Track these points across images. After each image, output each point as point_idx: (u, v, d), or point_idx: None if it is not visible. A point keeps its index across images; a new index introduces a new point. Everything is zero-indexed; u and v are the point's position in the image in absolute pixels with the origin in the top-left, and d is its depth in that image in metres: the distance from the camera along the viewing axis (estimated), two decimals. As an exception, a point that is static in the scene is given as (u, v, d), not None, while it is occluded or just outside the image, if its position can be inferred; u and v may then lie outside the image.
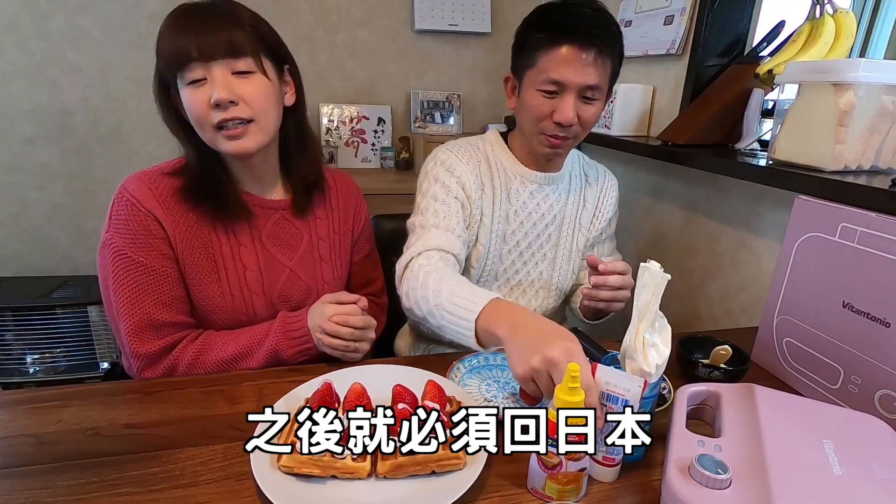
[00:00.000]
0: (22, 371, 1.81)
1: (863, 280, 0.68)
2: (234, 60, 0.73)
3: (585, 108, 0.89)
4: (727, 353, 0.79)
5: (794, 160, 0.94)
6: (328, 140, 2.14)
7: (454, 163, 0.97)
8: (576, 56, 0.84)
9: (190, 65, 0.72)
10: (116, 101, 1.97)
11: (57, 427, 0.63)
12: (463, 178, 0.96)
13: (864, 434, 0.57)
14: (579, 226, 1.07)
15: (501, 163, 1.01)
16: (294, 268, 0.88)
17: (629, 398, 0.54)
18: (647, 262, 0.58)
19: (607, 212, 1.09)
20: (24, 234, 2.01)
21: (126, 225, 0.74)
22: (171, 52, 0.72)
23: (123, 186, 0.77)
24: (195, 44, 0.71)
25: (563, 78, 0.85)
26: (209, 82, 0.73)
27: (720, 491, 0.47)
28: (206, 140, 0.76)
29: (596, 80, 0.86)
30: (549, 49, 0.86)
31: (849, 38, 1.06)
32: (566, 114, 0.87)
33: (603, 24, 0.85)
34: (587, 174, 1.09)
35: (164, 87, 0.77)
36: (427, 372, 0.72)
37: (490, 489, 0.56)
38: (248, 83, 0.75)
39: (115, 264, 0.74)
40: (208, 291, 0.80)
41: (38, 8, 1.82)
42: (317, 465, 0.53)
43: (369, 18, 2.10)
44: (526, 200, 1.01)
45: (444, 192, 0.95)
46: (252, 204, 0.84)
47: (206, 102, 0.72)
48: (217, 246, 0.81)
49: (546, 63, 0.86)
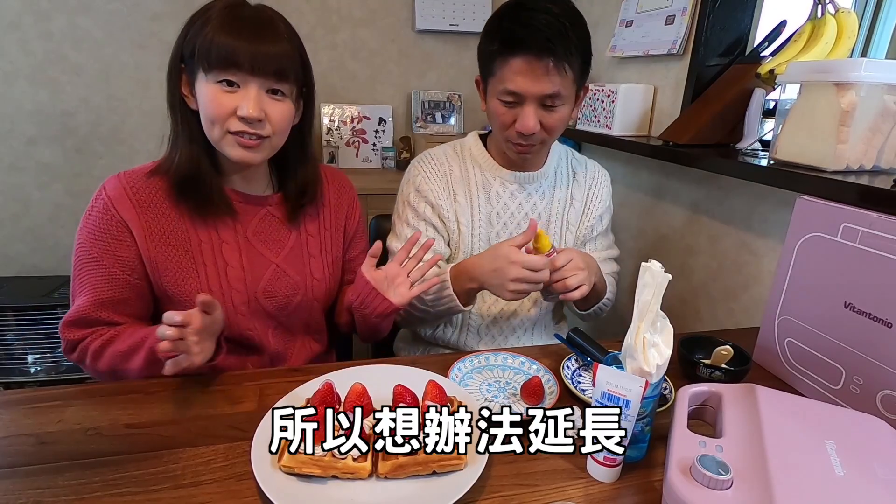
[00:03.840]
0: (23, 371, 1.81)
1: (865, 280, 0.68)
2: (275, 82, 0.74)
3: (548, 115, 0.87)
4: (728, 353, 0.79)
5: (796, 160, 0.94)
6: (329, 140, 2.14)
7: (422, 181, 1.00)
8: (530, 67, 0.82)
9: (231, 69, 0.71)
10: (118, 101, 1.97)
11: (58, 427, 0.63)
12: (430, 198, 0.99)
13: (866, 434, 0.57)
14: (567, 224, 1.05)
15: (480, 166, 1.01)
16: (281, 264, 0.87)
17: (630, 398, 0.54)
18: (649, 261, 0.58)
19: (597, 208, 1.07)
20: (25, 234, 2.02)
21: (95, 222, 0.77)
22: (217, 52, 0.71)
23: (104, 185, 0.78)
24: (248, 53, 0.71)
25: (519, 89, 0.84)
26: (242, 92, 0.73)
27: (722, 491, 0.47)
28: (213, 138, 0.76)
29: (554, 89, 0.84)
30: (504, 60, 0.84)
31: (850, 38, 1.06)
32: (526, 124, 0.86)
33: (558, 31, 0.81)
34: (575, 171, 1.07)
35: (178, 68, 0.76)
36: (427, 372, 0.72)
37: (491, 489, 0.56)
38: (278, 105, 0.76)
39: (77, 254, 0.78)
40: (186, 287, 0.80)
41: (39, 8, 1.82)
42: (318, 465, 0.53)
43: (370, 18, 2.10)
44: (507, 202, 1.00)
45: (416, 218, 1.00)
46: (238, 200, 0.84)
47: (231, 108, 0.73)
48: (196, 243, 0.81)
49: (502, 73, 0.85)
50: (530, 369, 0.79)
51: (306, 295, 0.89)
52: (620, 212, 1.12)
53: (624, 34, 1.62)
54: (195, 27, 0.73)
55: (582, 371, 0.80)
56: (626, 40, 1.61)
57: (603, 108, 1.54)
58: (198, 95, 0.75)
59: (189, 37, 0.73)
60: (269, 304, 0.85)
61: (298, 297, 0.88)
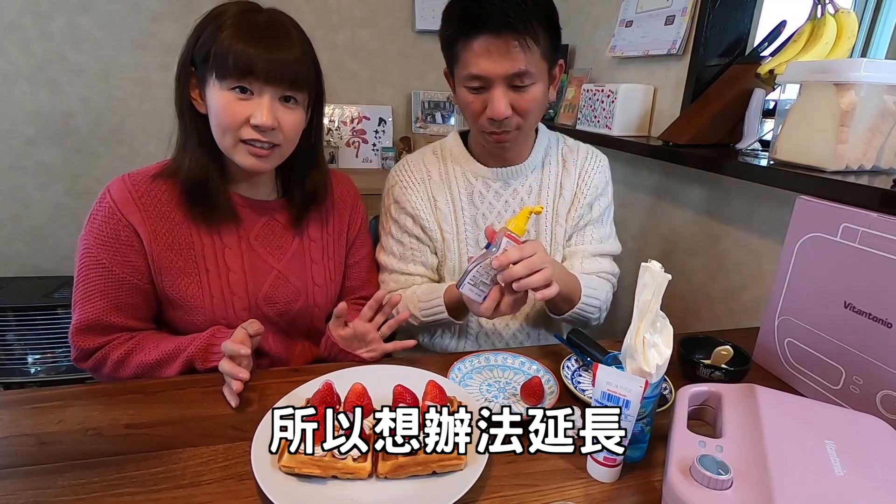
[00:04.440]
0: (23, 371, 1.81)
1: (864, 280, 0.68)
2: (289, 90, 0.74)
3: (520, 96, 0.82)
4: (728, 353, 0.79)
5: (796, 160, 0.94)
6: (329, 140, 2.14)
7: (399, 192, 0.98)
8: (491, 46, 0.77)
9: (246, 77, 0.71)
10: (118, 101, 1.97)
11: (58, 427, 0.63)
12: (408, 209, 0.97)
13: (866, 435, 0.57)
14: (556, 217, 0.99)
15: (461, 167, 0.97)
16: (282, 270, 0.86)
17: (630, 398, 0.54)
18: (648, 261, 0.58)
19: (586, 196, 0.98)
20: (25, 234, 2.02)
21: (100, 226, 0.76)
22: (236, 60, 0.69)
23: (108, 188, 0.77)
24: (264, 61, 0.70)
25: (484, 71, 0.79)
26: (256, 100, 0.72)
27: (722, 492, 0.47)
28: (224, 146, 0.75)
29: (521, 67, 0.78)
30: (465, 43, 0.80)
31: (850, 38, 1.06)
32: (497, 108, 0.81)
33: (515, 4, 0.76)
34: (566, 159, 1.00)
35: (188, 72, 0.75)
36: (427, 372, 0.72)
37: (491, 489, 0.56)
38: (291, 114, 0.76)
39: (82, 259, 0.77)
40: (188, 291, 0.80)
41: (39, 9, 1.82)
42: (318, 465, 0.53)
43: (370, 19, 2.10)
44: (492, 201, 0.97)
45: (399, 231, 0.99)
46: (242, 205, 0.83)
47: (244, 117, 0.72)
48: (200, 247, 0.80)
49: (465, 58, 0.81)
50: (530, 369, 0.79)
51: (307, 301, 0.89)
52: (620, 212, 1.11)
53: (624, 34, 1.62)
54: (208, 31, 0.71)
55: (582, 371, 0.80)
56: (626, 40, 1.61)
57: (603, 109, 1.54)
58: (209, 101, 0.74)
59: (202, 41, 0.72)
60: (270, 309, 0.85)
61: (299, 303, 0.88)
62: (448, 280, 1.00)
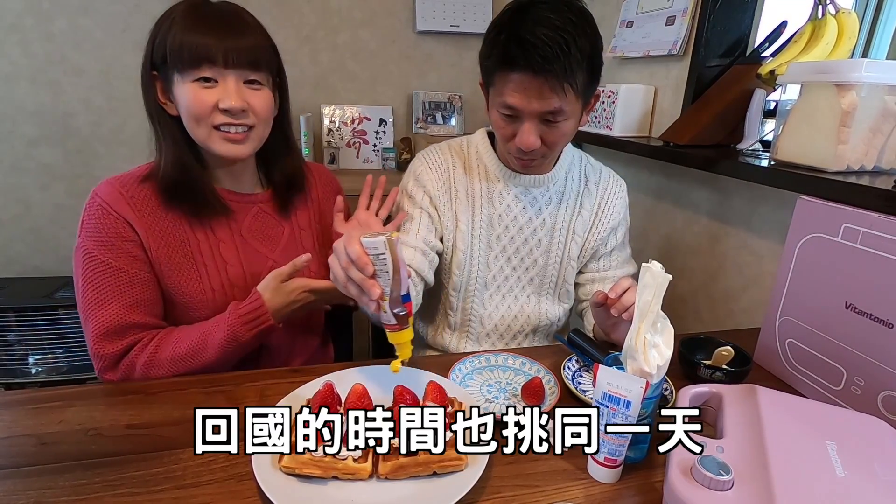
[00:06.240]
0: (24, 371, 1.81)
1: (865, 281, 0.68)
2: (251, 72, 0.75)
3: (550, 130, 0.82)
4: (729, 353, 0.79)
5: (797, 161, 0.94)
6: (329, 141, 2.14)
7: (423, 172, 0.98)
8: (528, 84, 0.77)
9: (205, 66, 0.72)
10: (119, 102, 1.97)
11: (59, 427, 0.63)
12: (429, 188, 0.96)
13: (867, 435, 0.57)
14: (573, 233, 0.99)
15: (485, 165, 0.97)
16: (278, 259, 0.87)
17: (631, 399, 0.54)
18: (649, 262, 0.58)
19: (609, 221, 1.01)
20: (26, 234, 2.02)
21: (96, 228, 0.75)
22: (189, 51, 0.71)
23: (95, 191, 0.77)
24: (220, 48, 0.72)
25: (518, 105, 0.79)
26: (221, 86, 0.74)
27: (722, 492, 0.47)
28: (199, 138, 0.77)
29: (555, 106, 0.78)
30: (502, 73, 0.79)
31: (851, 39, 1.06)
32: (525, 140, 0.81)
33: (558, 48, 0.73)
34: (588, 178, 1.02)
35: (150, 76, 0.77)
36: (428, 372, 0.72)
37: (491, 490, 0.56)
38: (258, 95, 0.77)
39: (85, 266, 0.75)
40: (189, 289, 0.80)
41: (40, 9, 1.83)
42: (318, 465, 0.53)
43: (371, 19, 2.10)
44: (511, 204, 0.96)
45: (411, 205, 0.97)
46: (229, 199, 0.84)
47: (212, 104, 0.73)
48: (195, 244, 0.81)
49: (501, 86, 0.80)
50: (531, 370, 0.79)
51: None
52: (624, 214, 1.11)
53: (624, 35, 1.62)
54: (161, 32, 0.74)
55: (583, 372, 0.80)
56: (627, 41, 1.61)
57: (603, 109, 1.54)
58: (177, 98, 0.75)
59: (157, 43, 0.74)
60: None
61: None
62: (456, 271, 0.98)
